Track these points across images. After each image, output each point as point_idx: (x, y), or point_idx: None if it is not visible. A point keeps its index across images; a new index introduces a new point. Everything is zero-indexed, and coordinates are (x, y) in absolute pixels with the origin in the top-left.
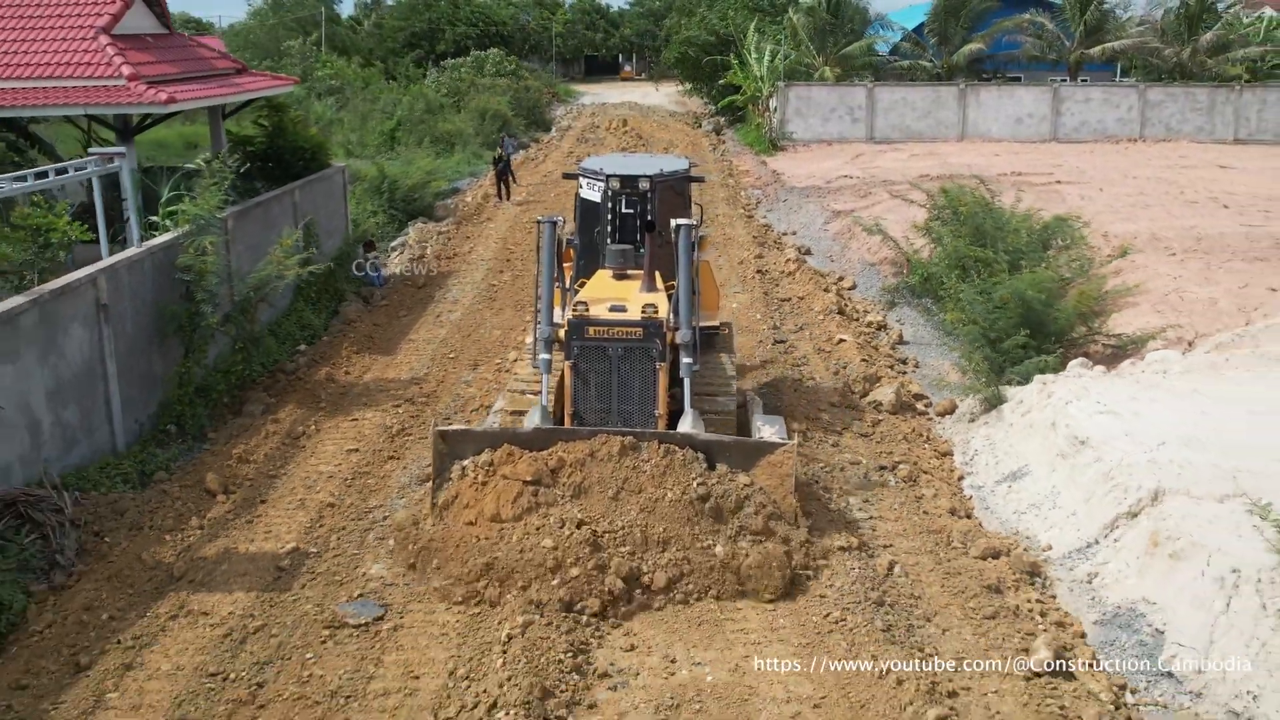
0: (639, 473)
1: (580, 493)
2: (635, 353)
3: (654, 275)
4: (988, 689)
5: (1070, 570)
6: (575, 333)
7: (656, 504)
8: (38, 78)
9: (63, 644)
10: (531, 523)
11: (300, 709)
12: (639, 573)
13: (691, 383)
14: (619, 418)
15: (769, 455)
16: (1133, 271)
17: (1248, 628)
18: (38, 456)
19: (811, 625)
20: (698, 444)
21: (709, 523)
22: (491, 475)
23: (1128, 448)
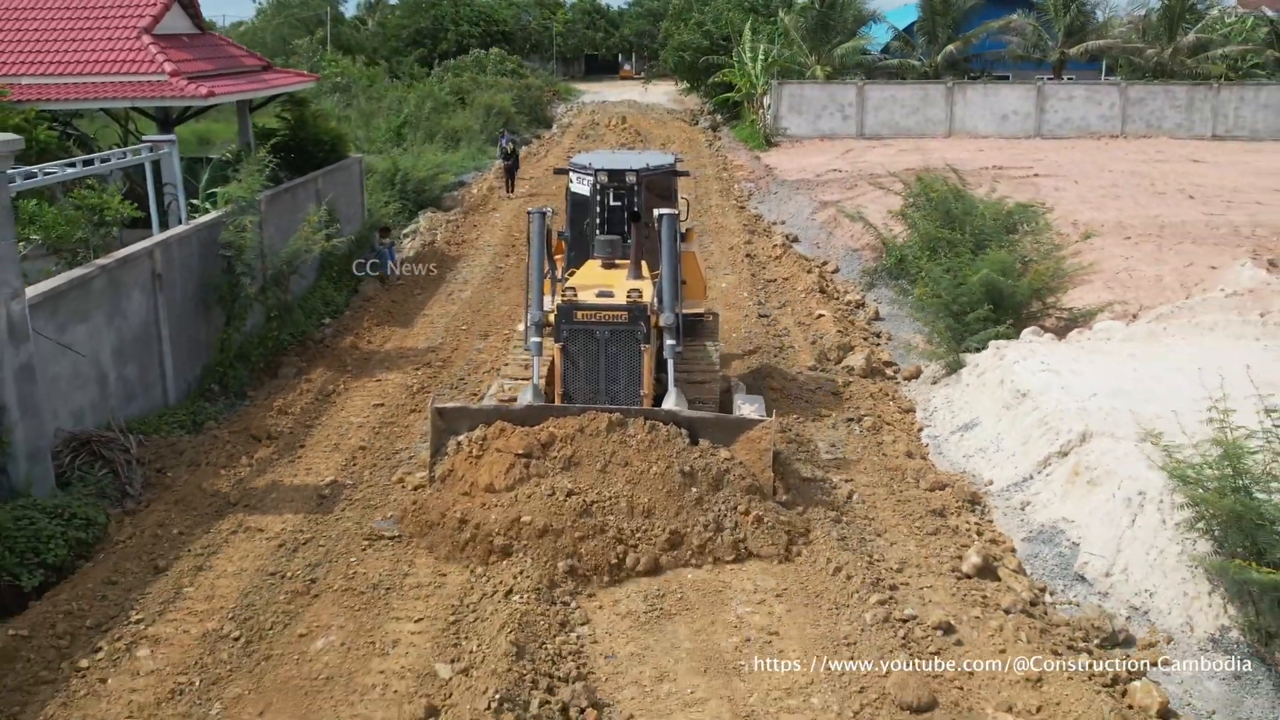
0: (626, 447)
1: (570, 465)
2: (621, 335)
3: (640, 263)
4: (924, 585)
5: (1006, 500)
6: (564, 317)
7: (642, 476)
8: (88, 74)
9: (142, 552)
10: (523, 491)
11: (348, 597)
12: (626, 536)
13: (675, 364)
14: (606, 397)
15: (748, 431)
16: (1090, 253)
17: (1148, 539)
18: (106, 405)
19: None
20: (681, 421)
21: (691, 493)
22: (485, 449)
23: (1063, 399)
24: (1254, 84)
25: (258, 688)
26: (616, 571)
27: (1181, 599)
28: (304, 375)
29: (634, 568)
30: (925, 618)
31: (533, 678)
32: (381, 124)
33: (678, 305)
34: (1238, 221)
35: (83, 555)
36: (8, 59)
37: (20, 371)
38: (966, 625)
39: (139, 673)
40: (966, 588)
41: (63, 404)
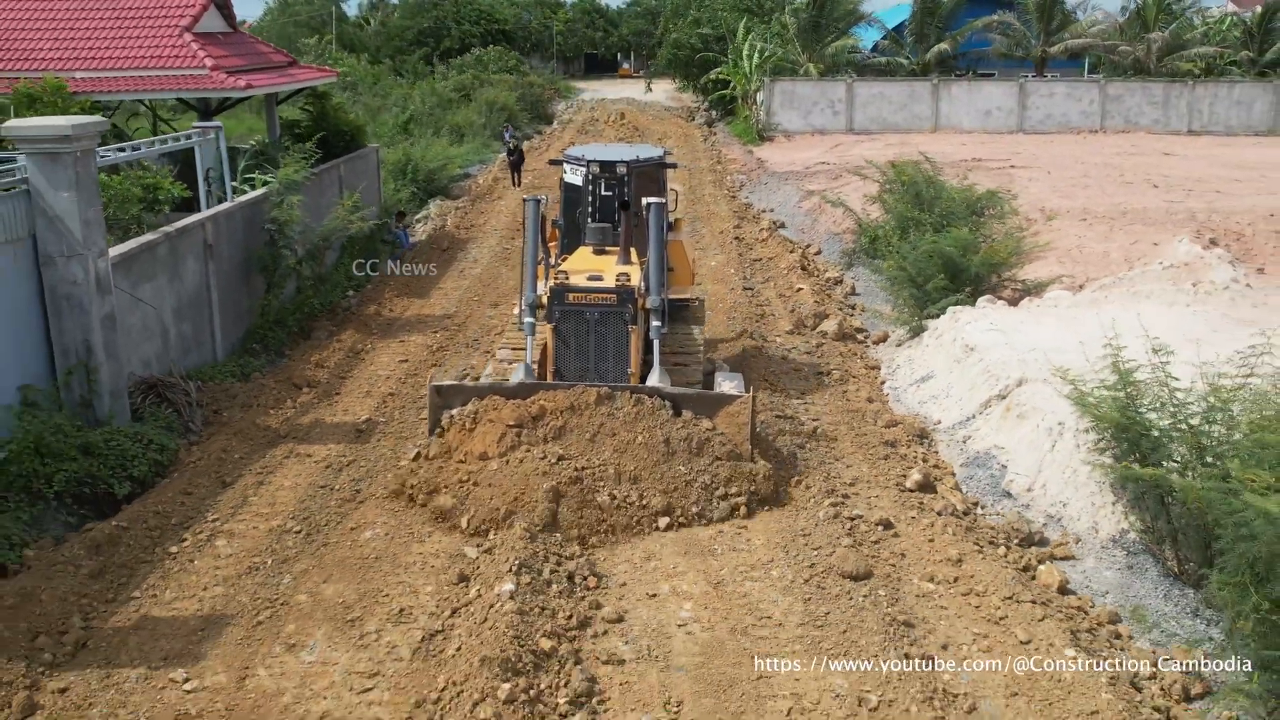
0: (613, 419)
1: (560, 435)
2: (610, 316)
3: (629, 250)
4: (871, 495)
5: (951, 435)
6: (557, 298)
7: (629, 445)
8: (136, 68)
9: (210, 471)
10: (515, 456)
11: (389, 502)
12: (617, 501)
13: (661, 345)
14: (596, 375)
15: (728, 406)
16: (1048, 233)
17: (1064, 460)
18: (167, 356)
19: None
20: (665, 395)
21: (675, 461)
22: (478, 421)
23: (1005, 352)
24: (1227, 81)
25: (319, 565)
26: (610, 534)
27: (1089, 508)
28: (335, 337)
29: (624, 528)
30: (869, 516)
31: (544, 555)
32: (389, 120)
33: (664, 289)
34: (1195, 208)
35: (160, 474)
36: (62, 55)
37: (105, 320)
38: (904, 523)
39: (220, 556)
40: (907, 498)
41: (134, 352)
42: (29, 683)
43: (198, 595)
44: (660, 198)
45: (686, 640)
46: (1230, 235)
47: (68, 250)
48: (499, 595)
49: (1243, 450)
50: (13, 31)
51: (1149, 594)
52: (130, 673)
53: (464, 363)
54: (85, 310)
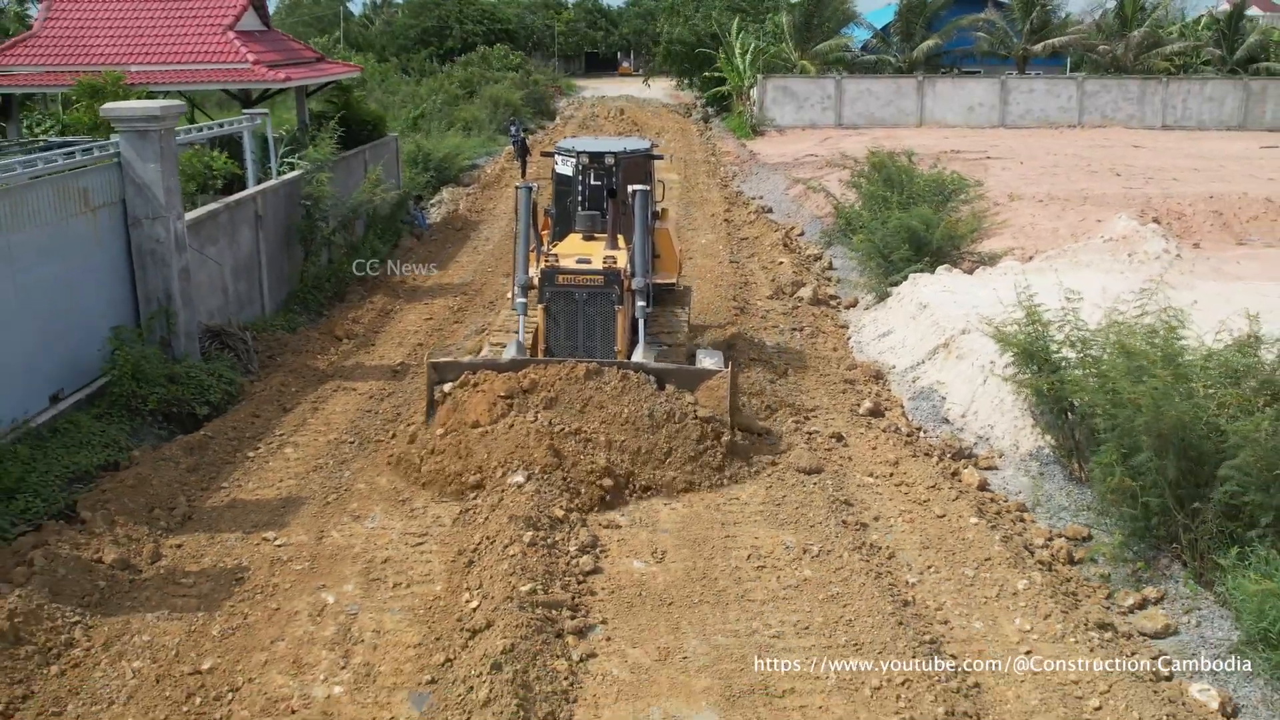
0: (601, 392)
1: (550, 405)
2: (598, 297)
3: (617, 236)
4: (829, 418)
5: (902, 376)
6: (547, 280)
7: (615, 417)
8: (186, 62)
9: (271, 400)
10: (507, 421)
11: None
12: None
13: (647, 326)
14: (584, 353)
15: (708, 380)
16: (1007, 213)
17: (993, 392)
18: (227, 310)
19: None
20: (649, 371)
21: (660, 432)
22: (471, 394)
23: (952, 309)
24: (1199, 78)
25: (372, 464)
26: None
27: (1012, 430)
28: (366, 300)
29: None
30: (824, 431)
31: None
32: (401, 115)
33: (648, 272)
34: (1151, 193)
35: (229, 402)
36: (119, 52)
37: (181, 273)
38: (853, 437)
39: (289, 459)
40: (859, 420)
41: (201, 304)
42: (153, 540)
43: (275, 485)
44: (641, 185)
45: (670, 514)
46: (1172, 215)
47: (152, 213)
48: (515, 483)
49: (1117, 357)
50: (75, 31)
51: (1054, 492)
52: (229, 535)
53: (481, 318)
54: (166, 264)
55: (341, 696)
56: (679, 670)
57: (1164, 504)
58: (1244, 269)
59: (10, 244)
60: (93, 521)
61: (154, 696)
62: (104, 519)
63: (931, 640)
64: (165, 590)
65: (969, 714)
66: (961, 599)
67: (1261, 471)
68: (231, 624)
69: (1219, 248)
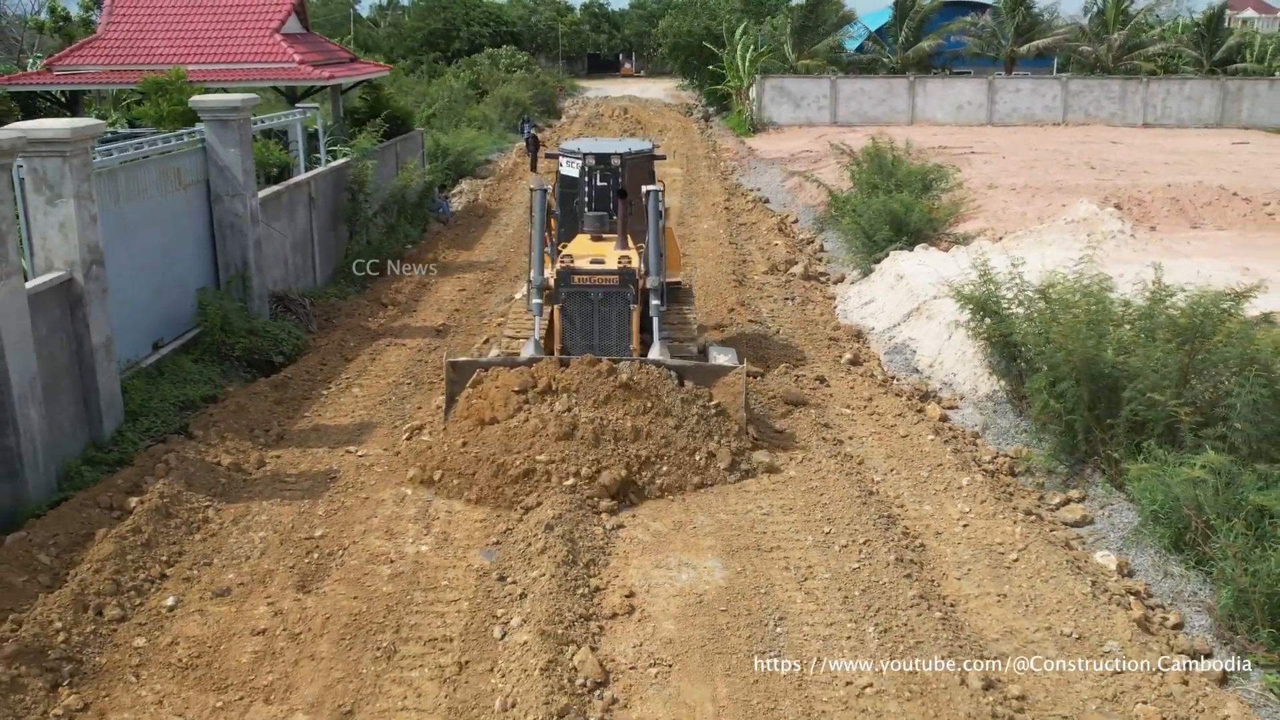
0: (620, 385)
1: (569, 395)
2: (613, 297)
3: (626, 236)
4: (815, 366)
5: (880, 336)
6: (563, 281)
7: (634, 412)
8: (238, 62)
9: (334, 352)
10: (522, 417)
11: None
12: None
13: (660, 321)
14: (599, 351)
15: (724, 376)
16: (983, 200)
17: (957, 345)
18: (287, 279)
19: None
20: (668, 367)
21: (682, 429)
22: (486, 391)
23: (926, 279)
24: (1179, 78)
25: (428, 400)
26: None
27: (972, 376)
28: (405, 273)
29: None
30: (809, 375)
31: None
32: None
33: (662, 271)
34: (1121, 185)
35: (298, 354)
36: (177, 52)
37: (255, 243)
38: (834, 380)
39: (357, 396)
40: (840, 367)
41: (269, 273)
42: (257, 451)
43: (349, 415)
44: (655, 185)
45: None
46: (1133, 201)
47: (232, 191)
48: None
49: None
50: (136, 34)
51: (1004, 424)
52: (318, 449)
53: (509, 290)
54: (244, 235)
55: (427, 553)
56: (690, 535)
57: (1084, 422)
58: (1192, 248)
59: (124, 214)
60: (206, 437)
61: (280, 553)
62: (215, 435)
63: (889, 517)
64: (274, 486)
65: (914, 561)
66: (915, 491)
67: (1153, 392)
68: (332, 507)
69: (1173, 230)
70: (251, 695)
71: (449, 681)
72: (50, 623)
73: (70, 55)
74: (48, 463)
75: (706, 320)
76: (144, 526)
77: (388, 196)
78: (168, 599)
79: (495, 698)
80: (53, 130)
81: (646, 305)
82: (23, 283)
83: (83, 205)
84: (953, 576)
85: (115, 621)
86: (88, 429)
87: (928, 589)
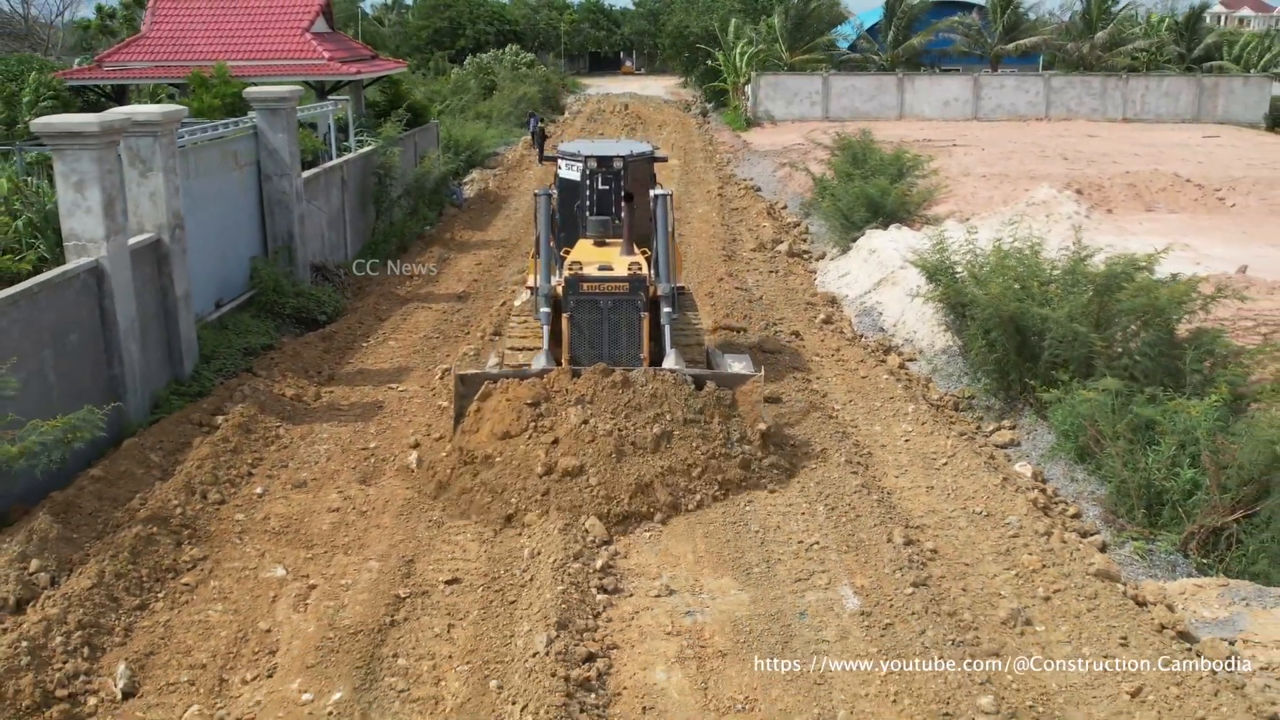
0: (637, 395)
1: (584, 405)
2: (622, 305)
3: (632, 240)
4: (792, 324)
5: (852, 302)
6: (571, 289)
7: (652, 421)
8: (272, 58)
9: (369, 315)
10: (532, 433)
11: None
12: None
13: (671, 329)
14: (609, 360)
15: (741, 385)
16: (956, 186)
17: (918, 309)
18: (324, 251)
19: (706, 315)
20: (685, 375)
21: (706, 439)
22: (496, 403)
23: (895, 252)
24: (1157, 75)
25: (454, 350)
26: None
27: (929, 334)
28: (427, 250)
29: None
30: (785, 329)
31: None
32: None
33: (672, 277)
34: (1090, 174)
35: (338, 315)
36: (216, 49)
37: (299, 218)
38: (808, 334)
39: (393, 348)
40: (814, 325)
41: (309, 246)
42: (314, 386)
43: (388, 361)
44: (664, 189)
45: None
46: (1093, 187)
47: (279, 171)
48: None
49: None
50: (177, 33)
51: (954, 373)
52: (365, 386)
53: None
54: (290, 210)
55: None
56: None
57: (1014, 364)
58: (1143, 228)
59: (193, 189)
60: (269, 376)
61: (343, 458)
62: (277, 374)
63: (843, 433)
64: (331, 412)
65: (861, 464)
66: (869, 416)
67: (1065, 340)
68: (381, 427)
69: (1129, 213)
70: (332, 551)
71: (487, 542)
72: (169, 501)
73: (118, 52)
74: (143, 391)
75: (698, 289)
76: (231, 437)
77: (411, 182)
78: (257, 488)
79: (524, 549)
80: (147, 114)
81: (655, 313)
82: (126, 240)
83: (169, 178)
84: (892, 475)
85: (217, 503)
86: (170, 367)
87: (869, 482)
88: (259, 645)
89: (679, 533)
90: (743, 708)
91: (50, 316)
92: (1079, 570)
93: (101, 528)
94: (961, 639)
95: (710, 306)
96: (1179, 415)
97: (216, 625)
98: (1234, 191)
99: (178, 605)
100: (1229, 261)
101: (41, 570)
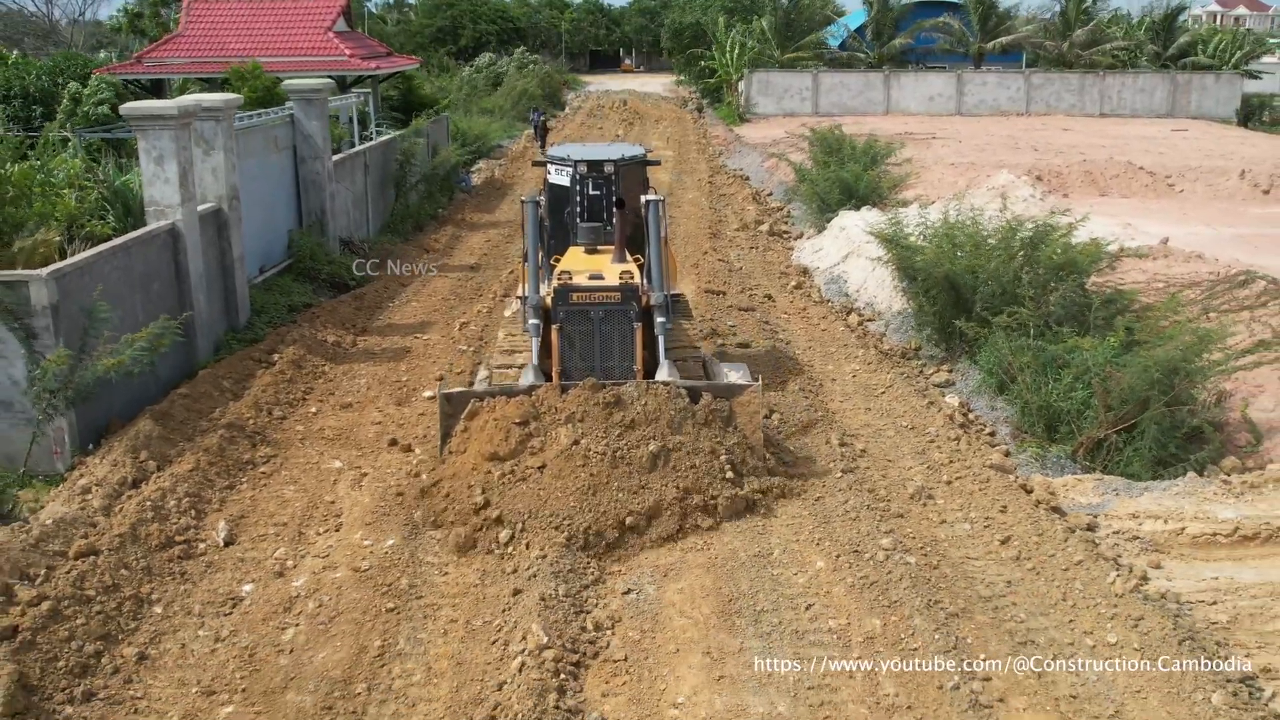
0: (629, 412)
1: (574, 425)
2: (615, 315)
3: (624, 248)
4: (767, 288)
5: (823, 272)
6: (561, 299)
7: (646, 439)
8: (298, 54)
9: (392, 282)
10: (528, 451)
11: (501, 292)
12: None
13: (665, 340)
14: (601, 373)
15: (739, 396)
16: (927, 173)
17: (879, 277)
18: (349, 228)
19: (691, 282)
20: (681, 388)
21: (700, 453)
22: (484, 423)
23: (861, 228)
24: (1133, 72)
25: (469, 309)
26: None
27: (888, 299)
28: (440, 229)
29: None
30: (758, 293)
31: None
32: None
33: (666, 285)
34: (1056, 164)
35: (365, 281)
36: (246, 47)
37: (330, 196)
38: (779, 297)
39: (416, 307)
40: (785, 290)
41: (338, 221)
42: (350, 335)
43: (413, 317)
44: (655, 194)
45: None
46: (1052, 174)
47: (313, 155)
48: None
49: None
50: (211, 31)
51: (904, 328)
52: (394, 336)
53: None
54: (322, 189)
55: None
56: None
57: (951, 315)
58: (1094, 210)
59: (243, 168)
60: (311, 327)
61: (380, 388)
62: (319, 326)
63: (800, 372)
64: (367, 355)
65: (811, 391)
66: (824, 359)
67: (993, 296)
68: (410, 365)
69: (1083, 197)
70: (378, 449)
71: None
72: (242, 415)
73: (156, 50)
74: (208, 336)
75: (685, 261)
76: (286, 370)
77: (428, 169)
78: (312, 408)
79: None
80: (211, 100)
81: (649, 322)
82: (196, 207)
83: (228, 156)
84: (837, 400)
85: (280, 419)
86: (227, 318)
87: (815, 403)
88: (326, 511)
89: None
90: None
91: (140, 268)
92: (978, 464)
93: (191, 432)
94: (875, 506)
95: (695, 276)
96: (1079, 352)
97: (291, 499)
98: (1183, 179)
99: (258, 486)
100: (1159, 237)
101: (150, 459)
